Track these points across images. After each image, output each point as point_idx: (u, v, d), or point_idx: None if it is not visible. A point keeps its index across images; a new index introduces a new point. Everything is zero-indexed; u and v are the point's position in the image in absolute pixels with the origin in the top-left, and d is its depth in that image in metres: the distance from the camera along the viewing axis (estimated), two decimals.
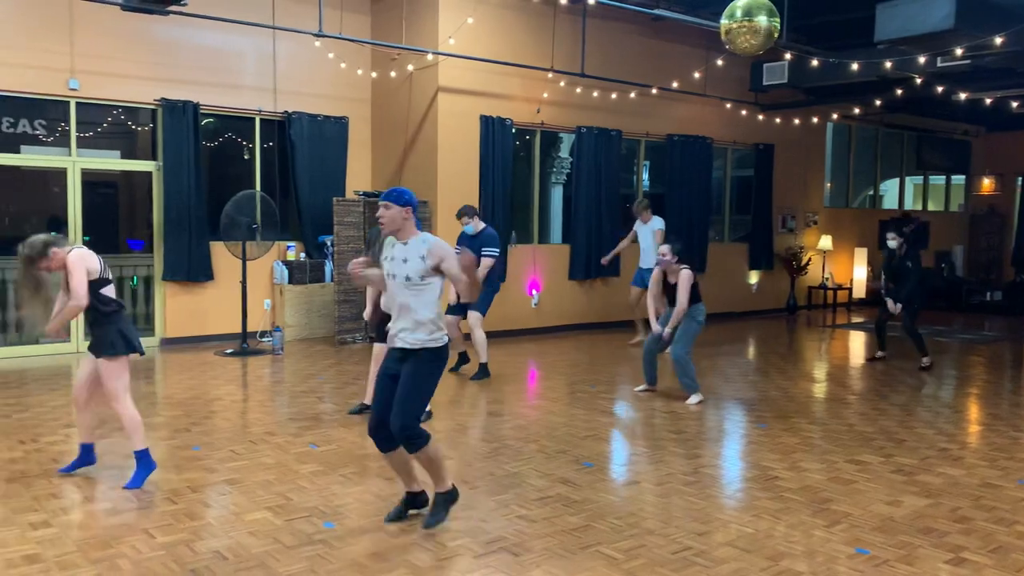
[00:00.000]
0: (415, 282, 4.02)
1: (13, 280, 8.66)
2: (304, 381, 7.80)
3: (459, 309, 7.93)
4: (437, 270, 4.04)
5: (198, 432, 5.93)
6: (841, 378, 8.62)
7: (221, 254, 9.66)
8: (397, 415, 3.94)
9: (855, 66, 10.22)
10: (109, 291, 4.73)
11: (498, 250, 7.80)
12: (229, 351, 9.14)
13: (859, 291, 15.41)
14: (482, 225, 7.93)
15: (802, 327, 12.78)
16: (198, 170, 9.62)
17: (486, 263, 7.60)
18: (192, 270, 9.67)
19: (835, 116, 14.69)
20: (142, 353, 4.89)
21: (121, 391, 4.75)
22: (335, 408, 6.76)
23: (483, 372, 7.98)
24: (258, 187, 10.14)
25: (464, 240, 7.85)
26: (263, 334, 9.99)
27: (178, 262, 9.59)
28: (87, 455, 4.99)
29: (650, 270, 9.64)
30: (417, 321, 4.03)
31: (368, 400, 6.32)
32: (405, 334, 4.05)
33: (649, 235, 10.01)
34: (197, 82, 9.67)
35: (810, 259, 14.47)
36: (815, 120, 14.29)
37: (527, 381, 8.13)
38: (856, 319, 13.61)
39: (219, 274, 9.86)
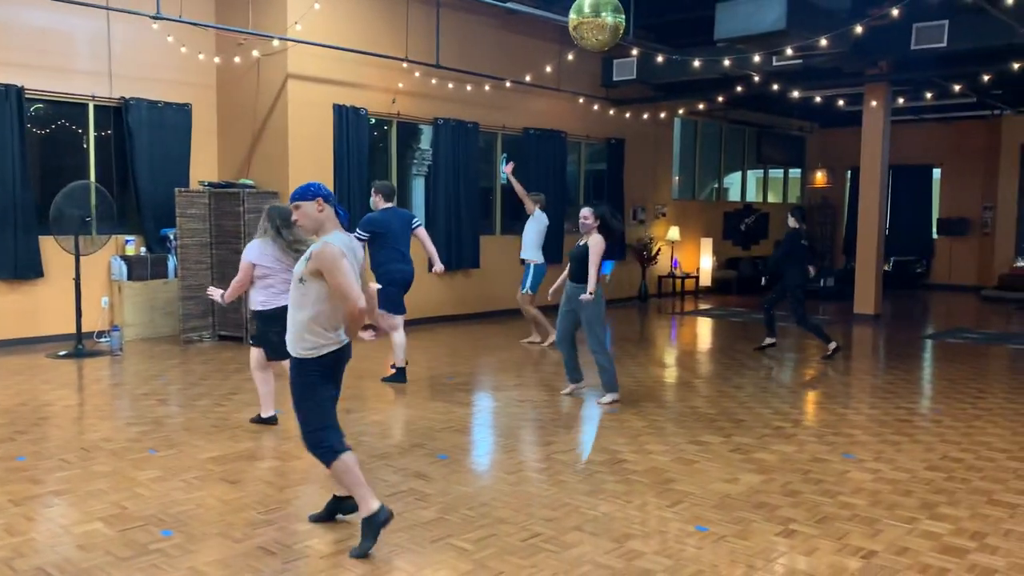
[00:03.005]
0: (297, 282, 3.83)
1: None
2: (145, 383, 7.39)
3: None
4: (320, 276, 3.73)
5: (24, 441, 5.51)
6: (689, 363, 8.99)
7: (52, 249, 9.00)
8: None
9: (697, 63, 10.67)
10: None
11: (366, 234, 7.11)
12: (63, 353, 8.55)
13: (705, 279, 16.14)
14: (383, 206, 7.22)
15: (653, 314, 13.25)
16: (24, 159, 8.92)
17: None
18: (19, 267, 8.97)
19: (681, 112, 15.30)
20: None
21: None
22: (179, 410, 6.45)
23: (399, 376, 7.45)
24: (92, 177, 9.52)
25: None
26: (100, 334, 9.39)
27: (3, 258, 8.86)
28: None
29: (528, 264, 9.60)
30: (296, 323, 3.82)
31: (265, 413, 5.93)
32: (288, 338, 3.88)
33: (532, 228, 9.66)
34: (21, 64, 8.95)
35: (659, 249, 15.02)
36: (663, 115, 14.83)
37: (383, 374, 8.03)
38: (703, 306, 14.25)
39: (50, 271, 9.20)
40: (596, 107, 13.33)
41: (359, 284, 3.80)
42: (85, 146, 9.67)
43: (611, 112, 13.70)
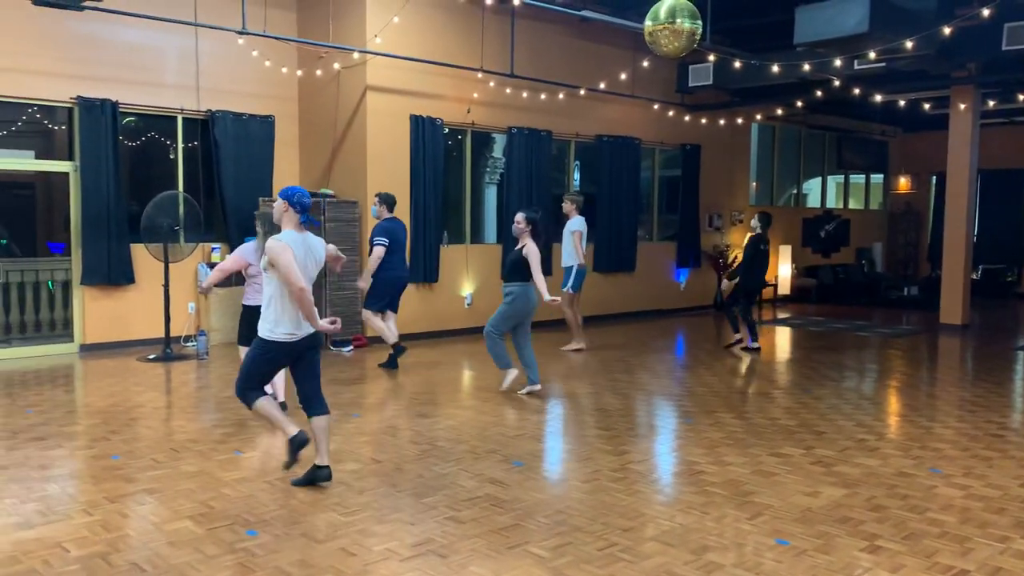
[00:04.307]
0: (265, 273, 4.63)
1: None
2: (230, 386, 7.58)
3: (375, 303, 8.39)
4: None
5: (118, 441, 5.75)
6: (766, 373, 8.83)
7: (143, 257, 9.39)
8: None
9: (776, 68, 10.48)
10: None
11: (385, 240, 8.18)
12: (152, 357, 8.89)
13: (784, 287, 15.81)
14: (383, 216, 8.32)
15: (728, 324, 13.00)
16: (117, 170, 9.33)
17: (373, 253, 8.13)
18: (112, 273, 9.37)
19: (759, 117, 15.05)
20: None
21: None
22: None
23: (391, 361, 8.38)
24: (181, 187, 9.89)
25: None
26: (187, 339, 9.74)
27: (97, 265, 9.28)
28: None
29: (570, 268, 9.71)
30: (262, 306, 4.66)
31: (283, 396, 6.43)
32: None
33: (567, 234, 9.75)
34: (116, 80, 9.37)
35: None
36: (740, 121, 14.61)
37: (459, 381, 8.10)
38: (781, 315, 13.96)
39: (141, 277, 9.59)
40: (671, 113, 13.22)
41: (305, 274, 4.56)
42: (173, 157, 10.05)
43: (686, 118, 13.57)
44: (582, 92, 11.53)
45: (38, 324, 9.35)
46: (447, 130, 10.74)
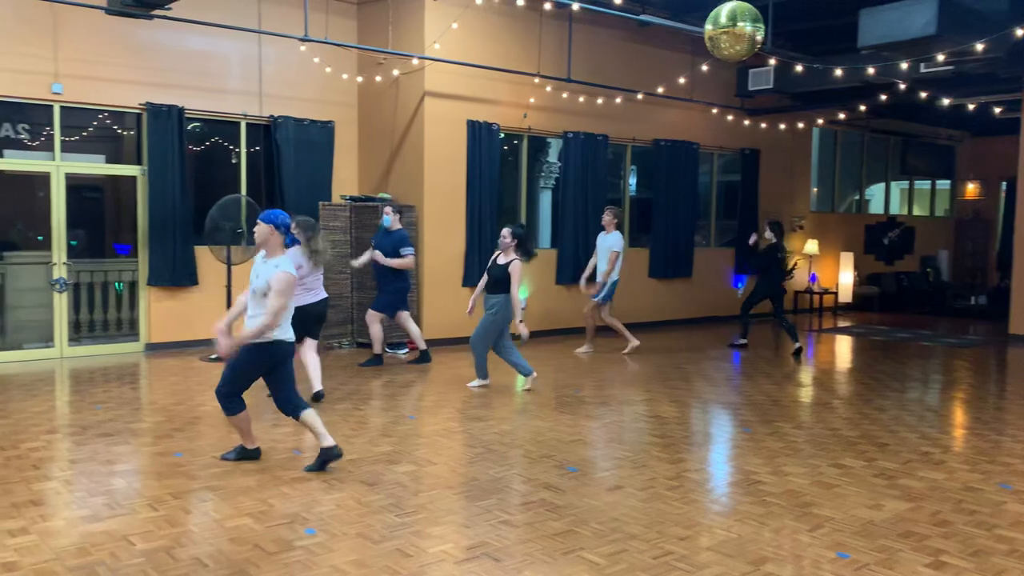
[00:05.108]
0: (258, 297, 4.93)
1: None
2: None
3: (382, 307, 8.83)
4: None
5: (181, 438, 5.90)
6: (826, 383, 8.65)
7: (206, 258, 9.62)
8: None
9: (839, 72, 10.29)
10: None
11: (412, 249, 8.71)
12: (214, 356, 9.09)
13: (845, 295, 15.48)
14: (399, 226, 8.69)
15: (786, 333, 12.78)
16: (183, 174, 9.58)
17: (407, 262, 8.57)
18: (177, 275, 9.62)
19: (821, 121, 14.78)
20: None
21: None
22: (319, 413, 6.72)
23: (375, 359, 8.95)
24: (244, 191, 10.11)
25: (379, 234, 8.78)
26: None
27: (163, 266, 9.54)
28: None
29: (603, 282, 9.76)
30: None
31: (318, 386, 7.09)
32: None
33: (604, 249, 9.74)
34: (182, 86, 9.63)
35: (796, 263, 14.52)
36: (801, 125, 14.37)
37: (512, 386, 8.12)
38: (843, 323, 13.67)
39: (204, 279, 9.82)
40: (730, 117, 13.07)
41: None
42: (235, 161, 10.28)
43: (746, 122, 13.39)
44: (640, 96, 11.47)
45: (106, 323, 9.65)
46: (503, 135, 10.78)
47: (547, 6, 9.56)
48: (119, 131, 9.73)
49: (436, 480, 5.01)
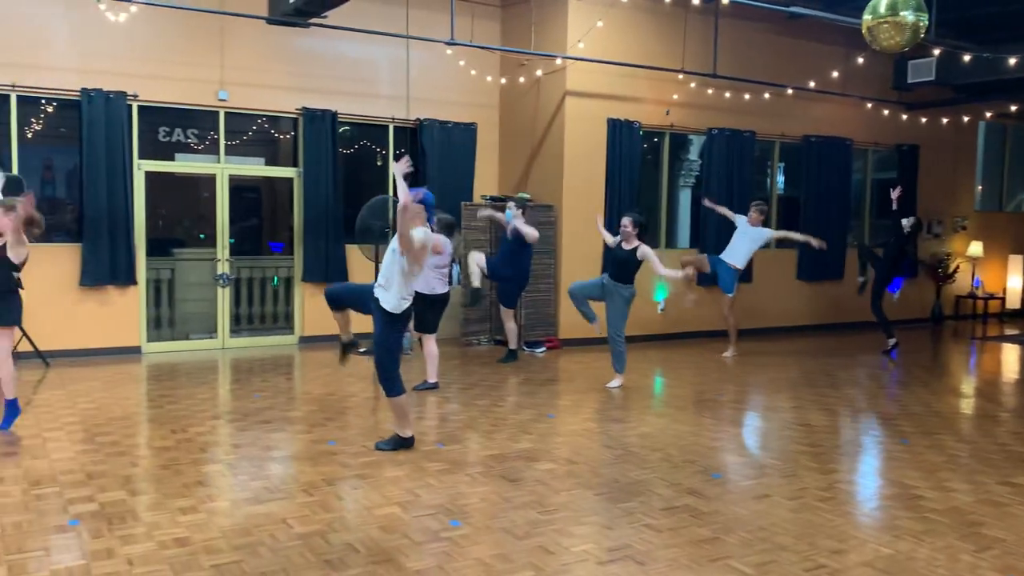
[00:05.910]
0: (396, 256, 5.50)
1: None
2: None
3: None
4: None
5: (333, 427, 6.16)
6: (992, 394, 8.06)
7: (355, 257, 10.00)
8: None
9: (1012, 61, 9.56)
10: None
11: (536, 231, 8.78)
12: (362, 351, 9.43)
13: (1013, 301, 14.38)
14: (521, 220, 8.72)
15: (948, 339, 12.04)
16: (335, 176, 10.01)
17: (531, 232, 8.64)
18: (329, 272, 10.05)
19: (988, 115, 13.77)
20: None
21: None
22: (460, 408, 6.88)
23: (510, 356, 9.16)
24: (391, 192, 10.45)
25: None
26: None
27: (316, 264, 10.00)
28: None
29: (728, 268, 9.61)
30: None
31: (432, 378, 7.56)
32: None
33: (746, 238, 9.63)
34: (335, 91, 10.06)
35: (958, 266, 13.62)
36: (965, 119, 13.45)
37: (652, 388, 8.01)
38: (1010, 331, 12.71)
39: (353, 276, 10.20)
40: (886, 112, 12.40)
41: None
42: (380, 164, 10.64)
43: (903, 117, 12.68)
44: (789, 91, 11.06)
45: (263, 316, 10.22)
46: (643, 133, 10.65)
47: (695, 1, 9.37)
48: (277, 135, 10.27)
49: (577, 480, 5.01)
